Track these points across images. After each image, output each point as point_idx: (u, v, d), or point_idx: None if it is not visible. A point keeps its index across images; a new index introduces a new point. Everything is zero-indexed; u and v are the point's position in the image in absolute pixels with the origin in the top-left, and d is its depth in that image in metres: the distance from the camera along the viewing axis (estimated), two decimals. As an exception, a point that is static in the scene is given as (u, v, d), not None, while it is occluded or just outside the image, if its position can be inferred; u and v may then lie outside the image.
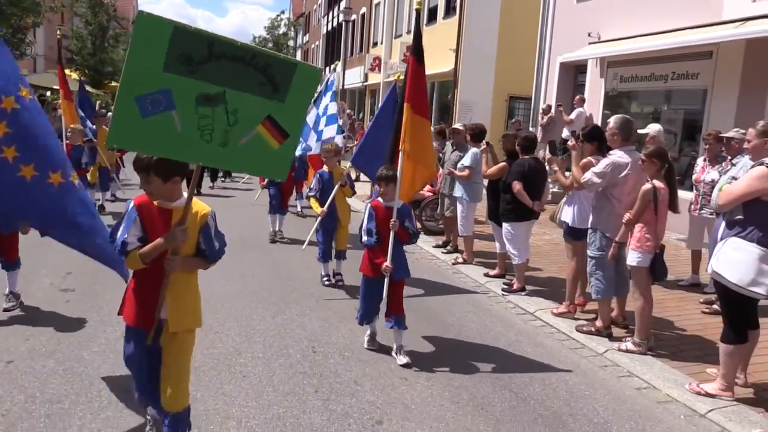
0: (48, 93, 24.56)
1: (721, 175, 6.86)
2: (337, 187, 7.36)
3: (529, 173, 7.05)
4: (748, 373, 4.97)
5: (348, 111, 26.29)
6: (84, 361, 4.87)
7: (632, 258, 5.42)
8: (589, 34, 14.13)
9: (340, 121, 24.92)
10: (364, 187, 13.84)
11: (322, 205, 7.31)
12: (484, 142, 8.07)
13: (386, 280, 5.16)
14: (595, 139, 6.20)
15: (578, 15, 14.91)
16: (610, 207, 5.70)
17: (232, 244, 9.24)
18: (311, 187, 7.60)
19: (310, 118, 10.05)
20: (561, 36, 15.69)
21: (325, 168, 7.63)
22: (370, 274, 5.27)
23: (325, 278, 7.34)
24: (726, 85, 10.46)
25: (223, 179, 16.63)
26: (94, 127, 12.05)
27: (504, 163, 7.53)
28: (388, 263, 5.13)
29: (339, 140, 10.20)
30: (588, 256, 5.92)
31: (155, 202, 3.31)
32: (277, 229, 9.77)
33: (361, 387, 4.62)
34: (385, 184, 5.26)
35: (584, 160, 6.18)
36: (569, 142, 6.34)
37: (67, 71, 31.09)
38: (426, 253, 9.34)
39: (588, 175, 5.71)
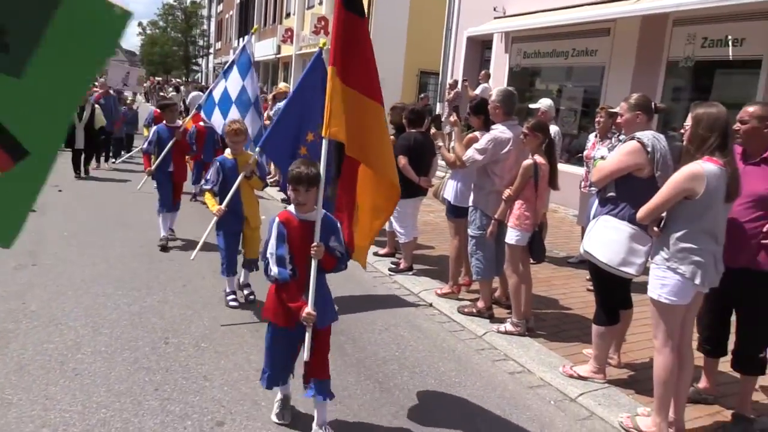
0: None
1: (610, 152, 6.76)
2: (240, 177, 5.55)
3: (415, 147, 6.72)
4: (621, 353, 4.85)
5: (258, 84, 25.39)
6: None
7: (510, 236, 5.19)
8: (494, 8, 13.96)
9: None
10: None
11: (221, 201, 5.59)
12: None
13: (308, 333, 3.49)
14: (481, 113, 5.92)
15: (485, -11, 14.69)
16: (491, 184, 5.44)
17: (108, 223, 8.65)
18: (207, 178, 5.75)
19: (217, 93, 8.13)
20: (468, 10, 15.47)
21: (227, 153, 5.85)
22: (280, 323, 3.61)
23: (231, 296, 5.74)
24: (622, 62, 10.49)
25: (114, 160, 14.89)
26: None
27: (392, 137, 7.17)
28: (310, 309, 3.44)
29: (248, 120, 7.99)
30: (468, 235, 5.67)
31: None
32: (167, 234, 7.73)
33: (210, 383, 4.17)
34: (305, 188, 3.45)
35: (469, 135, 5.90)
36: (450, 118, 6.04)
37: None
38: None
39: (470, 152, 5.43)
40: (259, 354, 4.60)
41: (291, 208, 3.60)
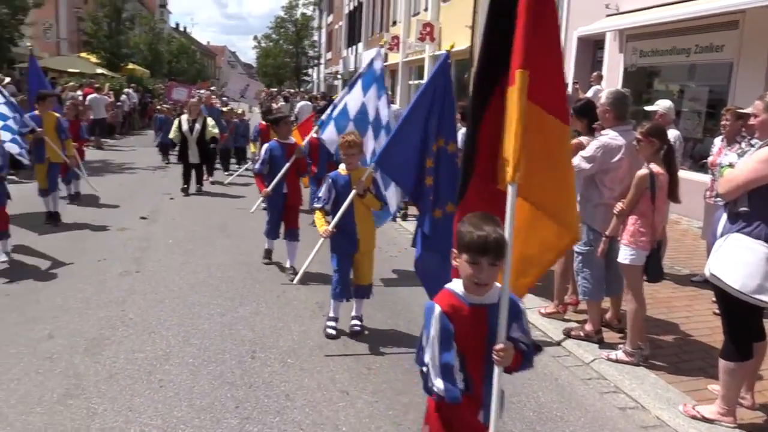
0: (66, 77, 24.33)
1: (740, 158, 6.02)
2: (353, 194, 5.01)
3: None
4: (755, 392, 4.20)
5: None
6: (-7, 365, 4.34)
7: (624, 255, 4.66)
8: (607, 6, 13.14)
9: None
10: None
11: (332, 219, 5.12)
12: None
13: None
14: (586, 116, 5.42)
15: (597, -14, 13.88)
16: (599, 196, 4.94)
17: (213, 231, 8.82)
18: (319, 195, 5.20)
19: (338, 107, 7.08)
20: (578, 8, 14.68)
21: (341, 169, 5.26)
22: None
23: (330, 323, 5.19)
24: (753, 58, 9.46)
25: (228, 173, 14.27)
26: (36, 112, 8.74)
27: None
28: None
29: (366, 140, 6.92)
30: (574, 251, 5.18)
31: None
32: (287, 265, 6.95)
33: (292, 403, 3.99)
34: (490, 260, 2.32)
35: (574, 141, 5.41)
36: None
37: (84, 54, 31.14)
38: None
39: (576, 160, 4.93)
40: (345, 373, 4.41)
41: (453, 286, 2.46)
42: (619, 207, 4.70)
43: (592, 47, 14.92)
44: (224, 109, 16.96)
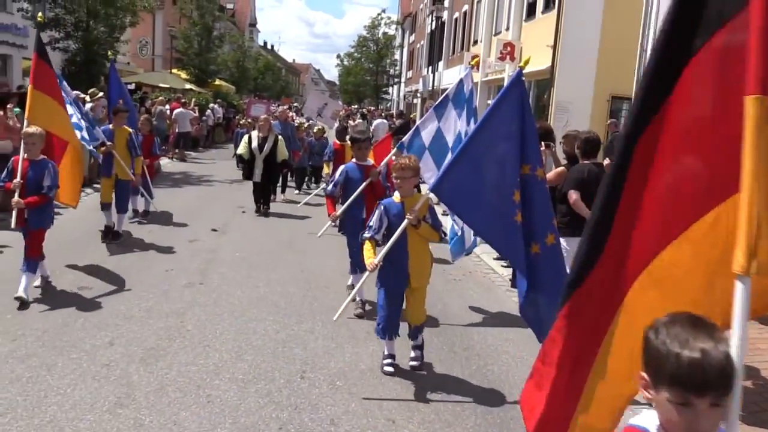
0: (157, 92, 25.56)
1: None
2: (405, 224, 4.47)
3: (589, 181, 6.02)
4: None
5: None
6: (55, 369, 4.49)
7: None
8: (697, 27, 12.53)
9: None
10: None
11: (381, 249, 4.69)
12: (542, 143, 7.09)
13: None
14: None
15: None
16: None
17: (279, 246, 8.91)
18: (369, 224, 4.83)
19: (428, 134, 6.55)
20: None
21: (395, 196, 4.81)
22: None
23: (387, 360, 4.82)
24: None
25: (298, 191, 14.12)
26: (110, 126, 8.71)
27: (563, 168, 6.54)
28: None
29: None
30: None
31: None
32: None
33: (336, 428, 3.91)
34: (713, 399, 1.50)
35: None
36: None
37: (175, 70, 32.64)
38: (483, 266, 8.42)
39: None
40: (394, 401, 4.30)
41: (644, 423, 1.67)
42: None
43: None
44: (297, 124, 16.56)
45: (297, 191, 14.04)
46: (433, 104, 24.06)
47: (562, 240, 6.23)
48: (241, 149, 11.33)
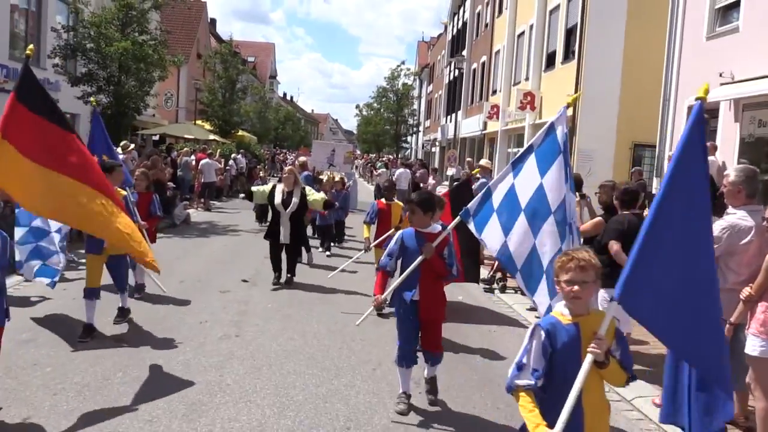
0: (182, 143, 26.07)
1: None
2: (588, 361, 2.90)
3: (629, 231, 5.97)
4: None
5: (468, 159, 25.64)
6: (100, 424, 4.44)
7: (752, 346, 4.24)
8: (720, 74, 12.59)
9: (451, 171, 24.50)
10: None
11: None
12: (577, 194, 7.08)
13: None
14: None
15: (708, 53, 13.39)
16: (723, 281, 4.54)
17: (310, 297, 8.85)
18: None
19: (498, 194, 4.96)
20: (688, 77, 14.18)
21: (561, 313, 3.10)
22: None
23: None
24: None
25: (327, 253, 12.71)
26: None
27: (600, 219, 6.51)
28: None
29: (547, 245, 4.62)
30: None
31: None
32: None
33: (387, 489, 3.81)
34: None
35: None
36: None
37: (199, 122, 33.35)
38: (518, 315, 8.32)
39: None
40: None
41: None
42: (747, 292, 4.31)
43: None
44: (322, 177, 15.07)
45: (326, 252, 12.44)
46: (454, 154, 24.31)
47: (603, 291, 6.18)
48: (259, 196, 9.66)
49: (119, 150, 14.05)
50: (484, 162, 13.88)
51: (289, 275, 9.46)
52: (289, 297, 8.65)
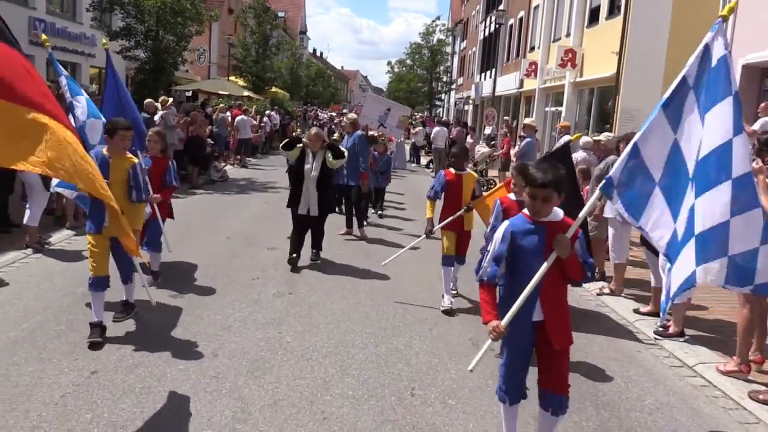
0: (216, 99, 26.01)
1: None
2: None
3: None
4: None
5: (506, 118, 25.18)
6: (165, 380, 4.48)
7: None
8: (783, 31, 12.04)
9: (488, 130, 24.05)
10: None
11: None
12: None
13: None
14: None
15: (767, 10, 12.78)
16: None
17: (357, 256, 8.81)
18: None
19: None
20: (744, 34, 13.58)
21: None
22: None
23: None
24: None
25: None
26: (104, 151, 5.33)
27: None
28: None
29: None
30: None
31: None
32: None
33: (459, 450, 3.78)
34: None
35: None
36: (754, 164, 4.96)
37: (233, 77, 33.19)
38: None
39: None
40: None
41: None
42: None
43: (758, 76, 13.73)
44: (373, 133, 12.53)
45: (360, 227, 10.15)
46: (493, 112, 23.48)
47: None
48: (294, 154, 7.84)
49: (158, 105, 14.05)
50: (528, 120, 13.51)
51: (314, 250, 8.13)
52: (337, 254, 8.61)
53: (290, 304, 6.33)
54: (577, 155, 9.91)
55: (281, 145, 8.02)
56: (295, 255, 7.74)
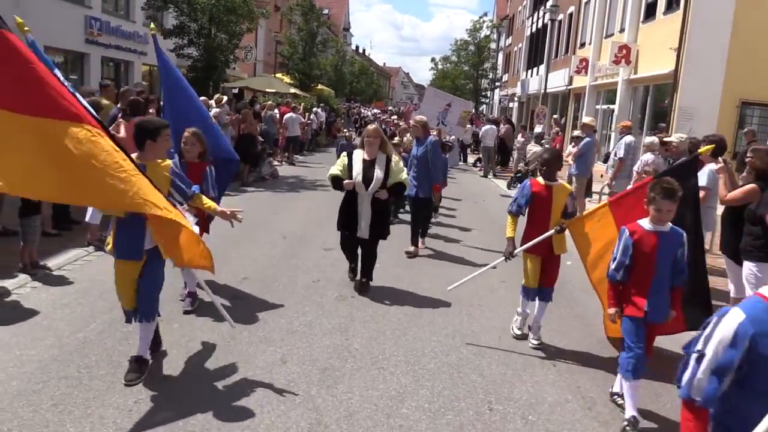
0: (262, 95, 26.18)
1: None
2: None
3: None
4: None
5: (555, 116, 24.68)
6: (236, 388, 4.38)
7: None
8: None
9: (539, 128, 23.55)
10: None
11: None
12: (721, 159, 6.51)
13: None
14: None
15: None
16: None
17: (417, 258, 8.61)
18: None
19: None
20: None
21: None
22: None
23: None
24: None
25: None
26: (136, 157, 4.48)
27: (754, 185, 5.92)
28: None
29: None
30: None
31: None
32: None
33: (549, 473, 3.58)
34: None
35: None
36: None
37: (279, 75, 33.37)
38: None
39: None
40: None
41: None
42: None
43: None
44: (448, 139, 11.88)
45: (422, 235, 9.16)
46: (544, 110, 22.96)
47: (752, 265, 5.68)
48: (336, 169, 6.68)
49: (212, 103, 14.12)
50: (588, 120, 13.07)
51: (364, 279, 6.88)
52: (396, 257, 8.43)
53: (354, 309, 6.19)
54: (646, 157, 9.55)
55: (331, 181, 6.73)
56: (354, 265, 7.06)
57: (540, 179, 5.59)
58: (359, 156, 6.68)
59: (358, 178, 6.51)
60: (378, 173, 6.54)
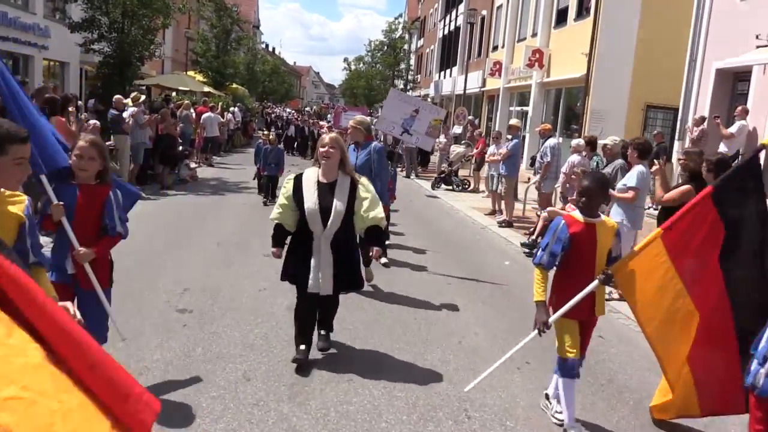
0: (174, 93, 25.18)
1: None
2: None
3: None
4: None
5: (469, 117, 25.16)
6: (202, 411, 4.12)
7: None
8: (757, 36, 12.30)
9: (458, 129, 23.92)
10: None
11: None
12: (656, 161, 6.84)
13: None
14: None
15: (742, 15, 13.06)
16: None
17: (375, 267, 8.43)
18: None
19: None
20: (719, 39, 13.86)
21: None
22: None
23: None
24: None
25: None
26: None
27: (689, 186, 6.24)
28: None
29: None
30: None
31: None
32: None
33: (539, 481, 3.58)
34: None
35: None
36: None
37: (191, 73, 32.25)
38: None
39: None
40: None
41: None
42: None
43: (731, 80, 14.05)
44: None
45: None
46: (464, 111, 23.33)
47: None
48: (278, 214, 4.98)
49: (129, 102, 13.40)
50: (514, 122, 13.40)
51: (323, 332, 5.24)
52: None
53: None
54: (572, 158, 9.88)
55: (274, 232, 5.13)
56: (303, 347, 4.90)
57: (577, 215, 4.10)
58: (312, 177, 4.81)
59: (312, 209, 4.69)
60: (338, 204, 4.69)
